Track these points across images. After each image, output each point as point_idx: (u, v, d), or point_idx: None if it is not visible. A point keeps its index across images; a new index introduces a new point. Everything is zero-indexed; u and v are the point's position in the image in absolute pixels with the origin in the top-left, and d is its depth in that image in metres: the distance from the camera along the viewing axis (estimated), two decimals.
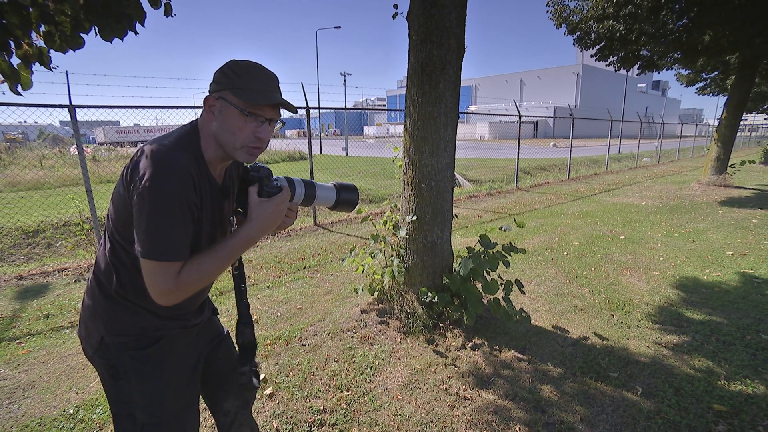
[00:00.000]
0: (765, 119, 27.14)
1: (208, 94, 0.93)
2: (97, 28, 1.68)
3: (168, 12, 1.86)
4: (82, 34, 1.71)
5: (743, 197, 8.00)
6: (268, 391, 2.16)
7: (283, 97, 0.97)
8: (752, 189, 9.05)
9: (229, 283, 3.64)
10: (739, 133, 10.14)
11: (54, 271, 4.06)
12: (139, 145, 0.93)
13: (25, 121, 8.62)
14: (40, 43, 1.73)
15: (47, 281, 3.85)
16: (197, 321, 1.11)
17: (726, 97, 9.14)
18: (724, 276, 3.78)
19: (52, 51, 1.77)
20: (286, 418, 1.97)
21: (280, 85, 0.98)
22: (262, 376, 2.28)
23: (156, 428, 1.01)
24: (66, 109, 4.07)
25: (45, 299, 3.44)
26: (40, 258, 4.93)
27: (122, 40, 1.74)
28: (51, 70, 1.85)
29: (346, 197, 1.13)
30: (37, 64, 1.76)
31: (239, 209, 1.05)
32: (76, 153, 4.25)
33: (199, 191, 0.91)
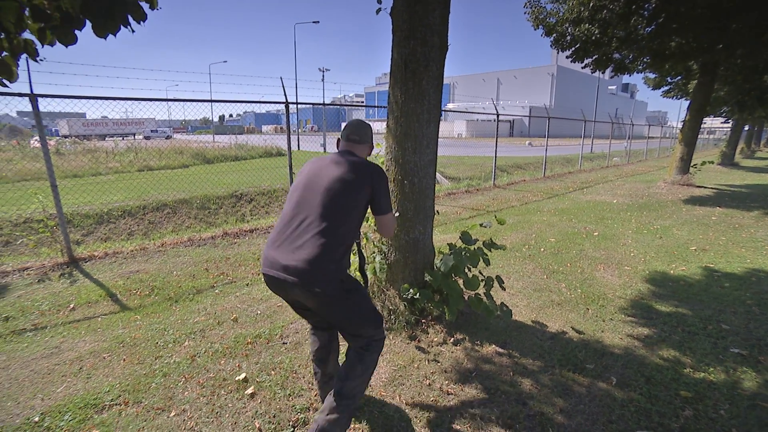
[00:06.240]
0: (722, 123, 28.79)
1: (365, 144, 1.87)
2: (91, 24, 1.65)
3: (153, 5, 1.83)
4: (75, 30, 1.66)
5: (704, 196, 8.46)
6: (249, 390, 2.11)
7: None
8: (711, 188, 9.59)
9: (206, 281, 3.58)
10: (699, 136, 10.68)
11: (14, 270, 3.82)
12: (342, 156, 1.73)
13: None
14: (25, 34, 1.68)
15: (6, 281, 3.62)
16: None
17: (689, 101, 9.62)
18: (688, 270, 3.99)
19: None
20: (269, 417, 1.93)
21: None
22: (243, 375, 2.23)
23: (373, 312, 1.75)
24: (27, 99, 3.82)
25: (4, 301, 3.23)
26: None
27: (115, 36, 1.71)
28: (38, 62, 1.87)
29: None
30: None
31: None
32: (37, 145, 3.97)
33: None
